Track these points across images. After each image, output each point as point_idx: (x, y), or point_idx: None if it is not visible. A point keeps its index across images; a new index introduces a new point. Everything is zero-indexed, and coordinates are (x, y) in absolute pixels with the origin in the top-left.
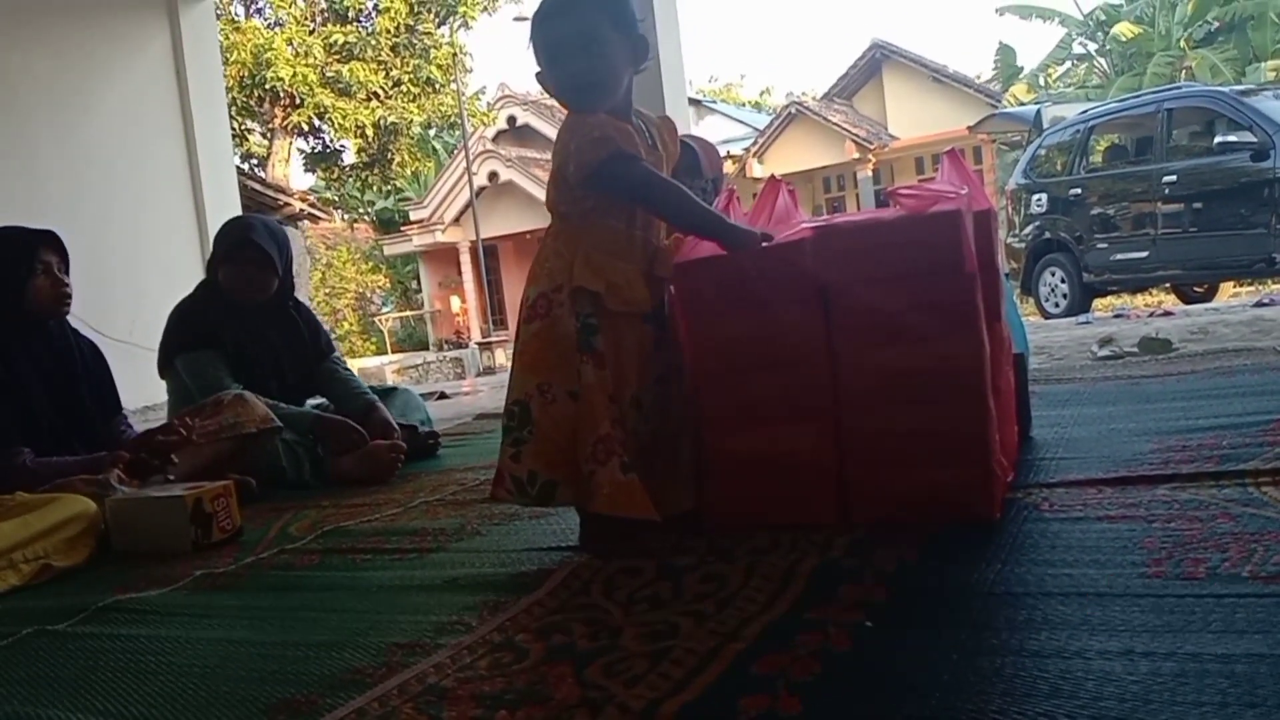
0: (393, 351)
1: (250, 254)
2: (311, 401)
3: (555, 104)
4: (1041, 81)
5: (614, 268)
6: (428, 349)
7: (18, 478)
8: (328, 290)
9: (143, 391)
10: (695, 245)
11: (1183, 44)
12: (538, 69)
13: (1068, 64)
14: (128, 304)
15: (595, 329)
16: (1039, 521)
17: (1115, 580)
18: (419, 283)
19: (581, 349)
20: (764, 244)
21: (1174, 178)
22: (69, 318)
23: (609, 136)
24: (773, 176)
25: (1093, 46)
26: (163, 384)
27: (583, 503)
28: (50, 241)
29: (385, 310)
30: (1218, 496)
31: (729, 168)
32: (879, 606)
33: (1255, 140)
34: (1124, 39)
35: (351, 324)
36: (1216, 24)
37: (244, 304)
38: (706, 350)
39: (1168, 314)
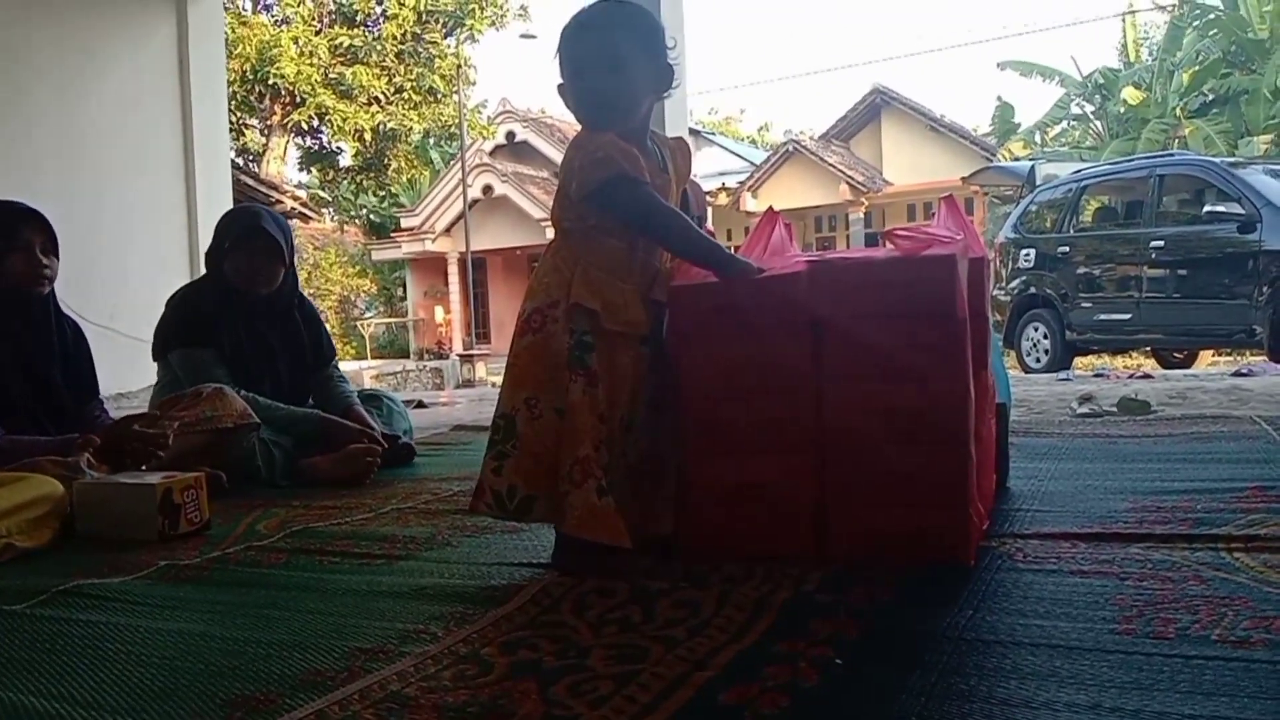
0: (373, 357)
1: (260, 242)
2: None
3: (555, 123)
4: (1038, 139)
5: (613, 287)
6: (408, 357)
7: None
8: (312, 291)
9: (118, 378)
10: (691, 271)
11: (1178, 113)
12: (560, 81)
13: (1064, 123)
14: (111, 289)
15: (590, 347)
16: (1013, 571)
17: (1086, 634)
18: (404, 290)
19: (573, 366)
20: (758, 275)
21: (1161, 243)
22: (60, 301)
23: (612, 158)
24: (770, 209)
25: (1090, 108)
26: (136, 373)
27: (555, 521)
28: (34, 220)
29: (368, 315)
30: (1190, 559)
31: (723, 200)
32: (850, 644)
33: (1243, 212)
34: (1128, 103)
35: (334, 327)
36: (1211, 96)
37: (247, 298)
38: (695, 376)
39: (1147, 376)
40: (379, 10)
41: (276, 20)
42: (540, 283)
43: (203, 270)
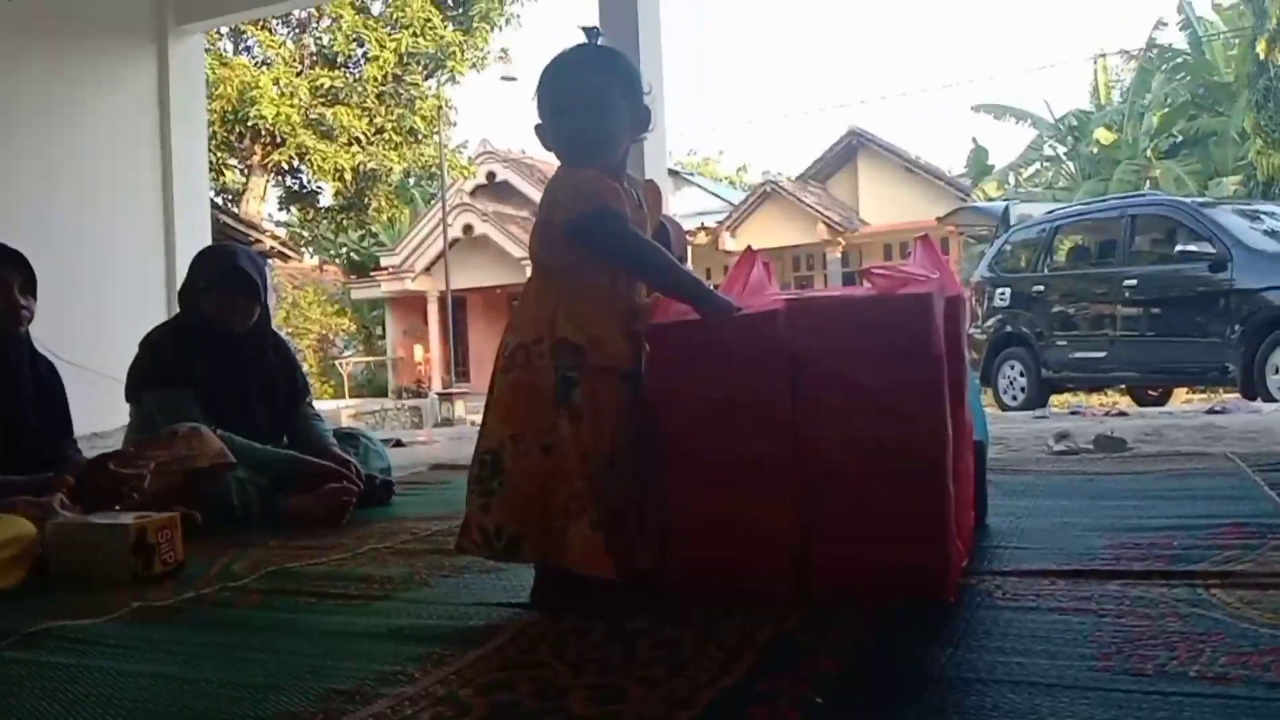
0: (351, 396)
1: (238, 282)
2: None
3: (535, 163)
4: (1012, 180)
5: (597, 322)
6: (387, 396)
7: None
8: (290, 330)
9: (94, 417)
10: (670, 307)
11: (1149, 154)
12: (539, 121)
13: (1037, 164)
14: (88, 327)
15: (575, 383)
16: (991, 608)
17: (1065, 672)
18: (384, 329)
19: (559, 403)
20: (737, 312)
21: (1134, 282)
22: (34, 339)
23: (597, 192)
24: (749, 248)
25: (1062, 150)
26: (112, 412)
27: (550, 558)
28: (13, 260)
29: (347, 354)
30: (1168, 595)
31: (702, 239)
32: (831, 682)
33: (1214, 251)
34: (1100, 144)
35: (311, 366)
36: (1181, 138)
37: (221, 337)
38: (675, 411)
39: (1123, 414)
40: (360, 52)
41: (257, 61)
42: (522, 318)
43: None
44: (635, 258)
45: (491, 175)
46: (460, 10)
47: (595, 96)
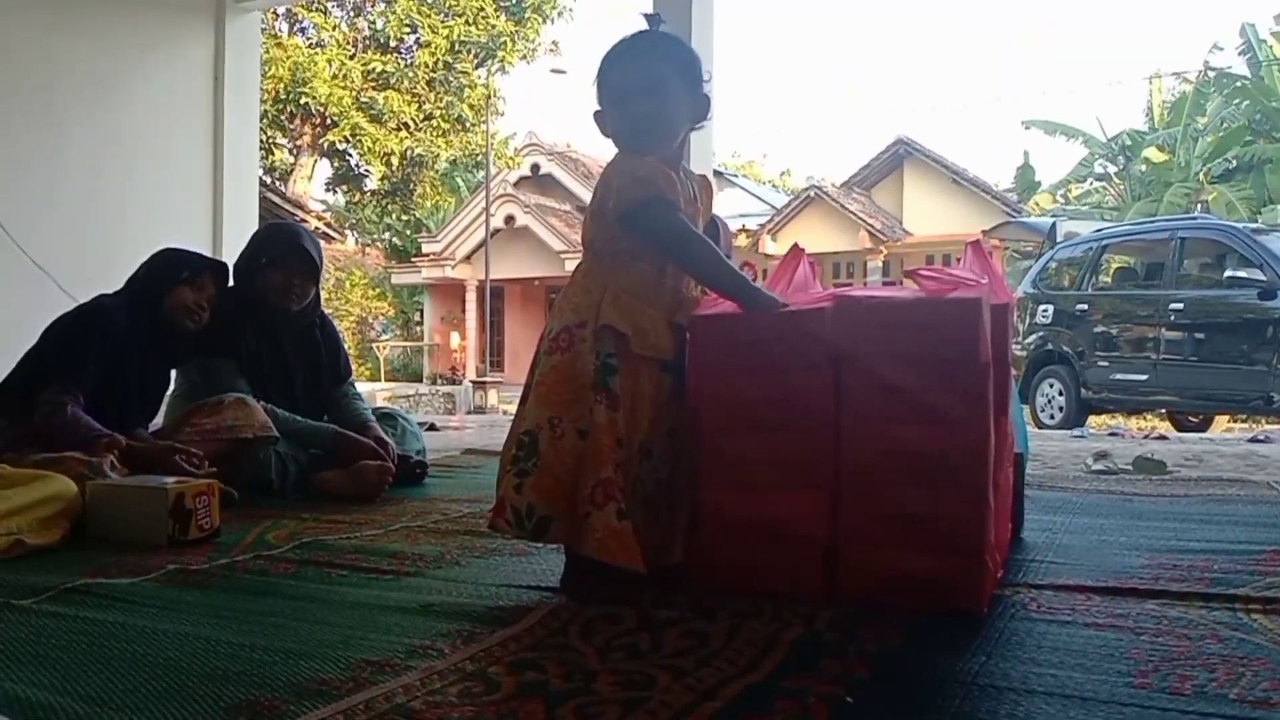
0: (386, 379)
1: (298, 259)
2: None
3: (580, 157)
4: (1064, 195)
5: (641, 312)
6: (421, 381)
7: (51, 417)
8: (332, 311)
9: None
10: (717, 303)
11: (1201, 177)
12: (597, 108)
13: (1088, 182)
14: None
15: (614, 370)
16: (1026, 620)
17: (1100, 686)
18: (422, 315)
19: (597, 388)
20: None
21: (1180, 305)
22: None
23: (654, 179)
24: (795, 245)
25: (1113, 169)
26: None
27: (574, 543)
28: (215, 270)
29: (385, 338)
30: (1207, 618)
31: (743, 241)
32: (860, 683)
33: (1264, 279)
34: (1151, 163)
35: (350, 348)
36: (1235, 163)
37: (272, 313)
38: (713, 407)
39: (1162, 438)
40: (413, 38)
41: (312, 43)
42: (569, 302)
43: None
44: (684, 249)
45: (536, 167)
46: (513, 0)
47: (655, 83)
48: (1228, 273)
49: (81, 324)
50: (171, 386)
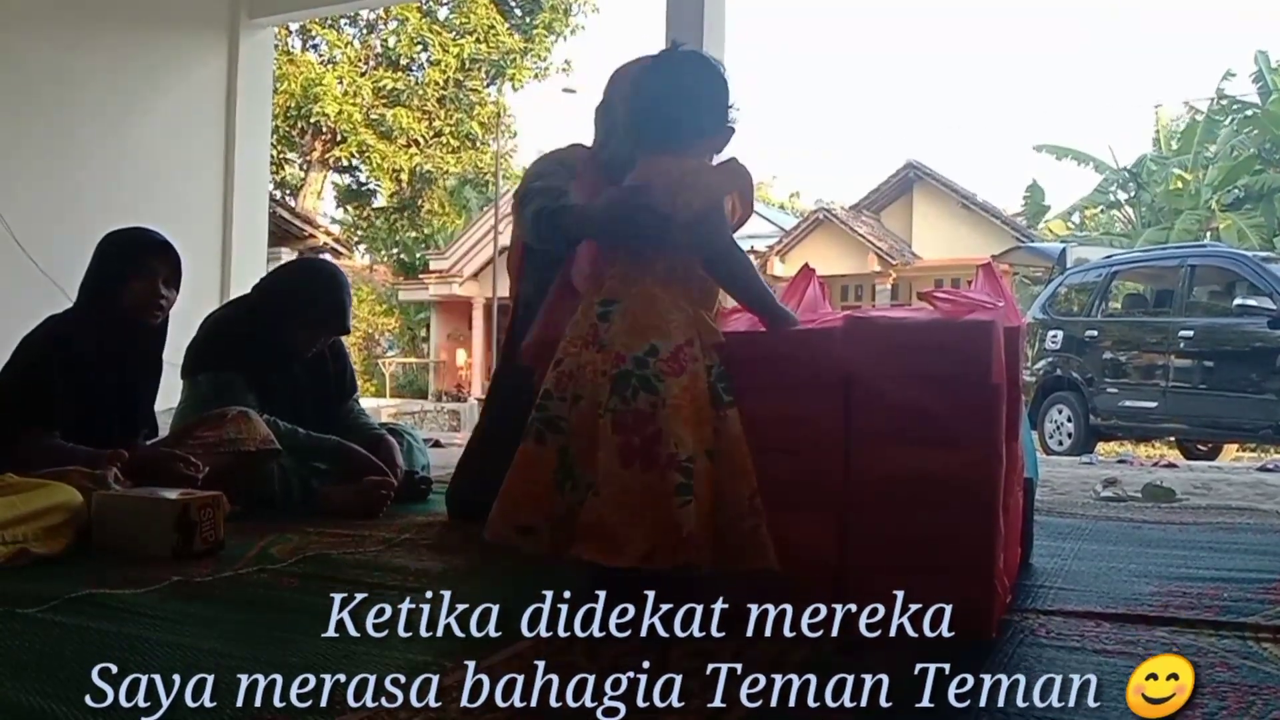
0: (391, 395)
1: (335, 323)
2: None
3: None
4: (1076, 220)
5: (714, 323)
6: (426, 398)
7: (34, 455)
8: None
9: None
10: (727, 318)
11: (1212, 205)
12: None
13: (1099, 208)
14: None
15: (727, 377)
16: (1035, 646)
17: (1110, 713)
18: (428, 331)
19: (719, 403)
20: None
21: (1190, 333)
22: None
23: (721, 195)
24: (806, 265)
25: (1124, 195)
26: (164, 399)
27: (740, 562)
28: (160, 250)
29: (390, 354)
30: (1217, 645)
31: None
32: (869, 707)
33: (1274, 307)
34: (1164, 192)
35: (356, 363)
36: (1244, 191)
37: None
38: None
39: (1171, 465)
40: (423, 56)
41: (323, 59)
42: (665, 320)
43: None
44: (732, 260)
45: None
46: (524, 19)
47: (689, 93)
48: (1237, 301)
49: (41, 359)
50: (177, 399)
